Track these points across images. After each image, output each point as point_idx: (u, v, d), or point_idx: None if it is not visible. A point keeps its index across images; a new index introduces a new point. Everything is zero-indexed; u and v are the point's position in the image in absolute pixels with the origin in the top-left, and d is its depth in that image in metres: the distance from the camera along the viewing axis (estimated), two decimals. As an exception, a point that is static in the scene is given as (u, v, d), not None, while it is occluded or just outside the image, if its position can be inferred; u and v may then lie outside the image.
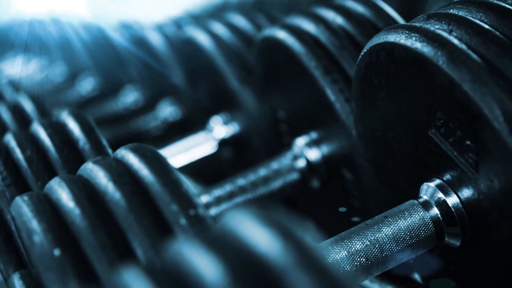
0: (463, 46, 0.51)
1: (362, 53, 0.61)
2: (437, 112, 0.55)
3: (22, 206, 0.49)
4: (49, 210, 0.49)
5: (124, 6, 2.30)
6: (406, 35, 0.55)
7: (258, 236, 0.30)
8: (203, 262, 0.30)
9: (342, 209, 0.82)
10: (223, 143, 1.11)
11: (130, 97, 1.57)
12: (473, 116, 0.50)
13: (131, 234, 0.46)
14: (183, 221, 0.46)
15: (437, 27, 0.55)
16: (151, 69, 1.39)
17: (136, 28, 1.59)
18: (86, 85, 1.81)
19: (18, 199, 0.51)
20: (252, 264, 0.29)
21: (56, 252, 0.45)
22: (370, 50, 0.59)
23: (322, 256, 0.28)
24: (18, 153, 0.69)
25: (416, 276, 0.72)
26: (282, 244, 0.29)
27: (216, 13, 1.67)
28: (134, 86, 1.55)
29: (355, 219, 0.79)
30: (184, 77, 1.21)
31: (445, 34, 0.53)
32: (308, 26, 0.78)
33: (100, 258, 0.45)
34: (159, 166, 0.49)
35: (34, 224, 0.47)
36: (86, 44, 1.81)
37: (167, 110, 1.38)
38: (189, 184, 0.49)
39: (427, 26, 0.55)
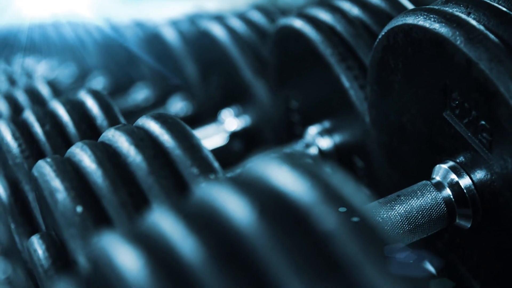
0: (481, 27, 0.52)
1: (380, 36, 0.62)
2: (452, 93, 0.56)
3: (45, 167, 0.51)
4: (71, 170, 0.50)
5: (128, 8, 2.32)
6: (425, 16, 0.56)
7: (285, 176, 0.31)
8: (230, 201, 0.31)
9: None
10: (234, 135, 1.12)
11: (140, 94, 1.58)
12: (489, 94, 0.51)
13: (151, 195, 0.47)
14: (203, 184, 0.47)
15: (455, 9, 0.56)
16: (163, 65, 1.40)
17: (148, 24, 1.60)
18: (96, 85, 1.82)
19: (40, 161, 0.52)
20: (279, 202, 0.30)
21: (79, 209, 0.46)
22: (388, 33, 0.61)
23: (348, 193, 0.29)
24: (37, 127, 0.71)
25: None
26: (307, 181, 0.30)
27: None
28: (145, 83, 1.57)
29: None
30: (197, 71, 1.23)
31: (463, 16, 0.54)
32: (324, 15, 0.79)
33: (121, 216, 0.46)
34: (180, 131, 0.50)
35: (57, 183, 0.48)
36: (96, 43, 1.83)
37: (178, 106, 1.39)
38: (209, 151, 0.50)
39: (446, 8, 0.56)
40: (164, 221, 0.31)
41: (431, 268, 0.66)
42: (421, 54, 0.57)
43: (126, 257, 0.30)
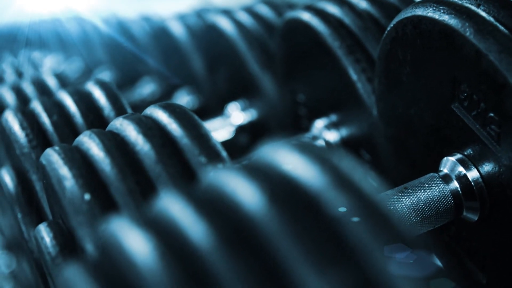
0: (491, 19, 0.52)
1: (388, 28, 0.62)
2: (461, 85, 0.56)
3: (53, 155, 0.51)
4: (79, 158, 0.50)
5: (135, 3, 2.32)
6: (434, 8, 0.56)
7: (295, 161, 0.31)
8: (240, 186, 0.31)
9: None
10: (240, 129, 1.12)
11: (146, 88, 1.58)
12: (498, 85, 0.50)
13: (159, 183, 0.47)
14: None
15: (465, 1, 0.56)
16: (170, 59, 1.40)
17: (155, 19, 1.60)
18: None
19: (48, 149, 0.52)
20: (289, 187, 0.30)
21: (86, 196, 0.46)
22: (397, 25, 0.61)
23: (358, 178, 0.29)
24: (44, 117, 0.71)
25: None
26: (317, 167, 0.30)
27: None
28: (151, 77, 1.57)
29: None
30: (204, 65, 1.23)
31: (473, 7, 0.54)
32: (332, 8, 0.79)
33: (129, 204, 0.46)
34: (188, 120, 0.50)
35: (65, 171, 0.48)
36: (103, 38, 1.83)
37: (184, 100, 1.39)
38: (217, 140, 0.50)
39: (455, 0, 0.56)
40: (174, 206, 0.31)
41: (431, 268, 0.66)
42: (430, 46, 0.57)
43: (135, 241, 0.30)
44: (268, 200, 0.29)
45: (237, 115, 1.12)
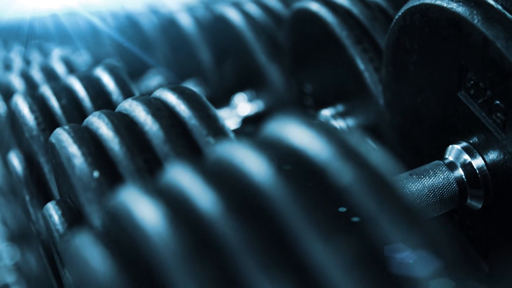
0: (499, 6, 0.53)
1: (396, 17, 0.62)
2: (468, 73, 0.56)
3: (63, 134, 0.51)
4: (89, 137, 0.50)
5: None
6: (442, -4, 0.56)
7: (302, 133, 0.31)
8: (248, 157, 0.31)
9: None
10: (246, 120, 1.12)
11: (153, 80, 1.59)
12: (505, 73, 0.51)
13: (167, 162, 0.48)
14: (218, 153, 0.47)
15: (473, -11, 0.56)
16: (177, 50, 1.41)
17: (163, 10, 1.61)
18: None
19: (58, 129, 0.53)
20: (296, 158, 0.31)
21: (95, 174, 0.47)
22: (405, 13, 0.61)
23: (364, 150, 0.30)
24: (53, 101, 0.71)
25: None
26: (324, 139, 0.30)
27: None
28: (158, 69, 1.57)
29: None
30: (211, 56, 1.23)
31: (481, -5, 0.54)
32: (341, -1, 0.80)
33: (137, 181, 0.47)
34: (197, 101, 0.51)
35: (75, 149, 0.49)
36: (110, 30, 1.83)
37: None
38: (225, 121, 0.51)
39: (463, -12, 0.56)
40: (182, 175, 0.32)
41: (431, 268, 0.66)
42: (437, 34, 0.58)
43: (144, 208, 0.31)
44: (275, 170, 0.30)
45: (244, 106, 1.12)
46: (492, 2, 0.53)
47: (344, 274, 0.27)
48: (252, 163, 0.31)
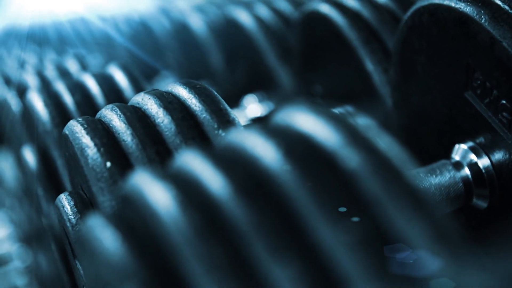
0: (506, 6, 0.53)
1: (405, 18, 0.63)
2: (475, 73, 0.57)
3: (76, 125, 0.52)
4: (102, 129, 0.51)
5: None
6: (450, -4, 0.57)
7: (311, 120, 0.32)
8: (258, 143, 0.32)
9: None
10: (256, 121, 1.13)
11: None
12: (511, 72, 0.52)
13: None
14: (228, 145, 0.48)
15: (481, -10, 0.57)
16: (188, 53, 1.42)
17: (174, 12, 1.62)
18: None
19: (72, 121, 0.54)
20: (305, 143, 0.32)
21: (108, 164, 0.48)
22: (413, 14, 0.62)
23: (372, 136, 0.31)
24: (67, 96, 0.73)
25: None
26: (332, 125, 0.31)
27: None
28: (169, 72, 1.59)
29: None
30: (222, 57, 1.25)
31: (488, -4, 0.55)
32: (349, 0, 0.81)
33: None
34: (208, 96, 0.52)
35: (88, 140, 0.50)
36: (122, 34, 1.85)
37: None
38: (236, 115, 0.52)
39: (471, -11, 0.57)
40: (193, 160, 0.33)
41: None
42: (445, 34, 0.59)
43: (156, 191, 0.32)
44: (285, 155, 0.31)
45: (254, 107, 1.13)
46: (500, 2, 0.54)
47: (351, 256, 0.28)
48: (262, 148, 0.32)
